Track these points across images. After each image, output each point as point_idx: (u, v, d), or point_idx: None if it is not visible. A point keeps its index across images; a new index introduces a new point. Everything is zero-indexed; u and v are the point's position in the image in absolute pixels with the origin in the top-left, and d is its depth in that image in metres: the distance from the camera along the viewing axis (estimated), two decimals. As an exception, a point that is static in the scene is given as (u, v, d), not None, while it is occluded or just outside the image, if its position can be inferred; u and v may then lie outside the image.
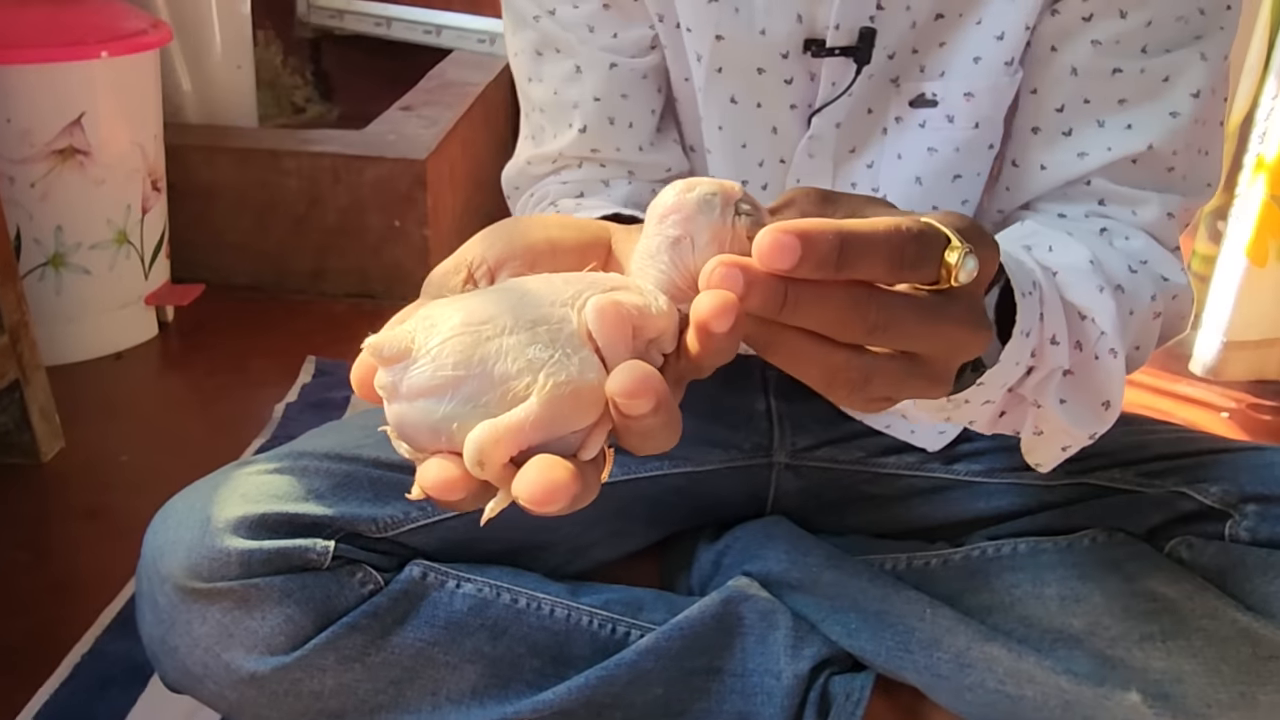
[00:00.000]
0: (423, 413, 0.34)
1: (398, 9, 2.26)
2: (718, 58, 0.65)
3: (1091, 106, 0.62)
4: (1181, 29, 0.61)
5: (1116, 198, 0.63)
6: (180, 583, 0.64)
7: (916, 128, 0.66)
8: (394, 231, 1.49)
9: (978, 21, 0.63)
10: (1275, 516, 0.62)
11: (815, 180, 0.67)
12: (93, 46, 1.23)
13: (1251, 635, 0.59)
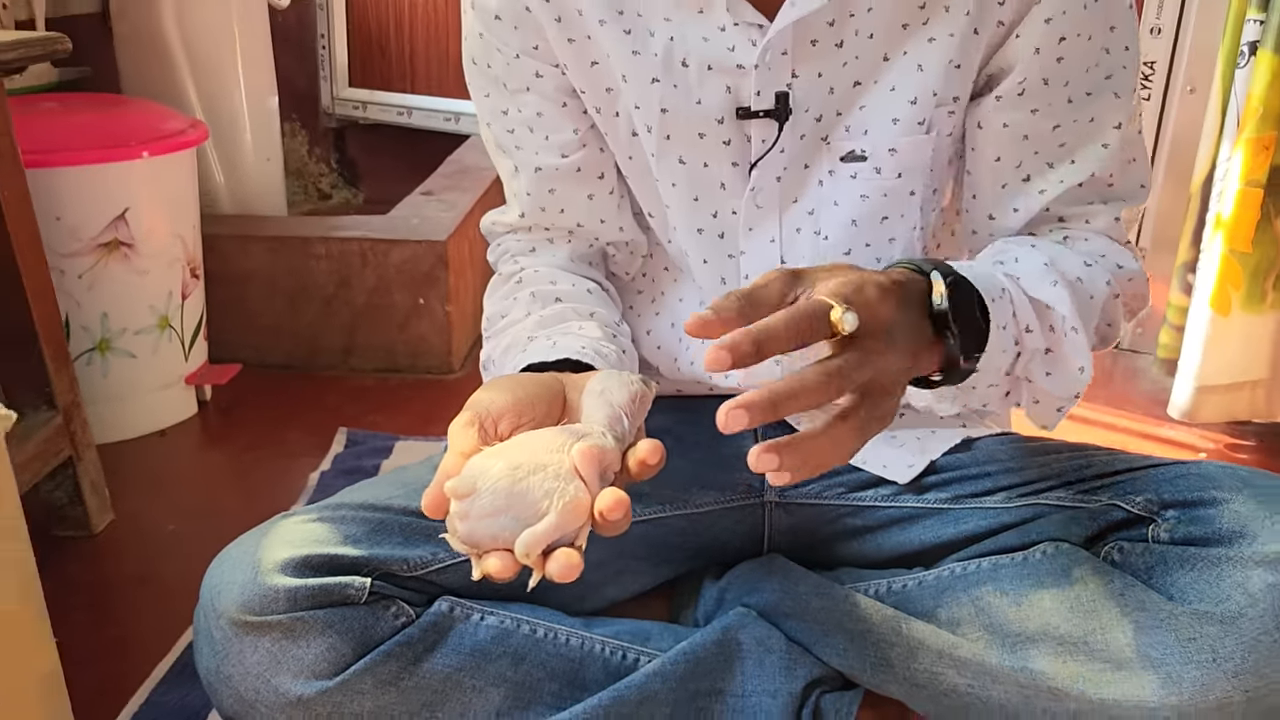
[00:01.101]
0: (486, 528, 0.54)
1: (418, 99, 2.40)
2: (665, 127, 0.77)
3: (1040, 156, 0.75)
4: (1094, 75, 0.74)
5: (1072, 215, 0.77)
6: (234, 617, 0.72)
7: (849, 178, 0.77)
8: (418, 309, 1.59)
9: (891, 88, 0.74)
10: (1189, 519, 0.70)
11: (763, 224, 0.79)
12: (135, 148, 1.34)
13: (1174, 621, 0.66)
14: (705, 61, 0.75)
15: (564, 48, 0.78)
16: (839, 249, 0.78)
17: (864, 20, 0.73)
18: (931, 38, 0.73)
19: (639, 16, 0.75)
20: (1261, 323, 1.35)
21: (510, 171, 0.85)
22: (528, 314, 0.81)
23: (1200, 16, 1.56)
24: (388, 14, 2.41)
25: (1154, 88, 1.64)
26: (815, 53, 0.74)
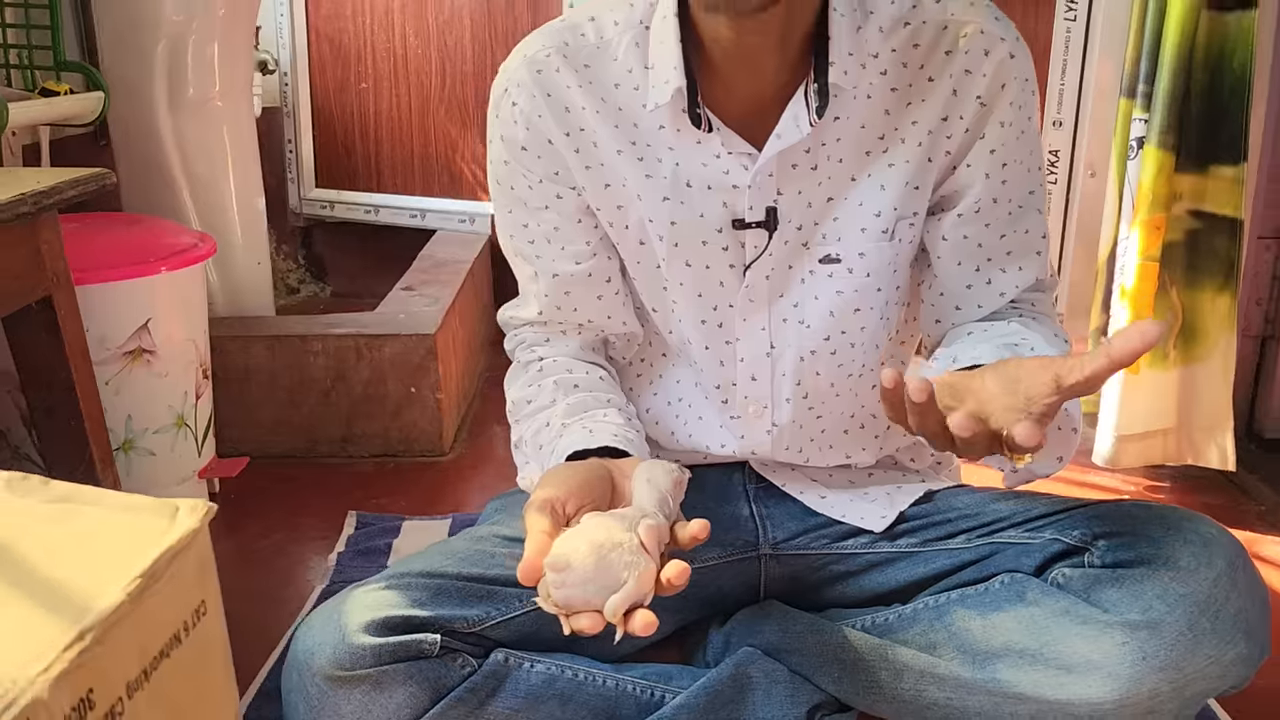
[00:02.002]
0: (579, 594, 0.69)
1: (384, 197, 2.54)
2: (674, 236, 0.93)
3: (994, 262, 0.92)
4: (1026, 197, 0.92)
5: (1023, 300, 0.94)
6: (328, 674, 0.84)
7: (826, 277, 0.93)
8: (411, 397, 1.72)
9: (860, 203, 0.91)
10: (1116, 547, 0.86)
11: (755, 311, 0.95)
12: (154, 264, 1.46)
13: (1110, 630, 0.82)
14: (706, 182, 0.91)
15: (582, 173, 0.93)
16: (819, 335, 0.94)
17: (835, 149, 0.90)
18: (891, 163, 0.90)
19: (648, 146, 0.91)
20: (1167, 378, 1.55)
21: (530, 276, 1.00)
22: (553, 401, 0.95)
23: (1095, 109, 1.79)
24: (353, 119, 2.56)
25: (1060, 173, 1.86)
26: (796, 175, 0.90)
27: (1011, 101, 0.88)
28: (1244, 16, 1.43)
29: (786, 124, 0.87)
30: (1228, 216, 1.48)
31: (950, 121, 0.89)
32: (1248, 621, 0.81)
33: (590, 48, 0.91)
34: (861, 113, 0.89)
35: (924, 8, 0.88)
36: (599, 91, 0.91)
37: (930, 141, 0.89)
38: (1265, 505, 1.59)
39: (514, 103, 0.93)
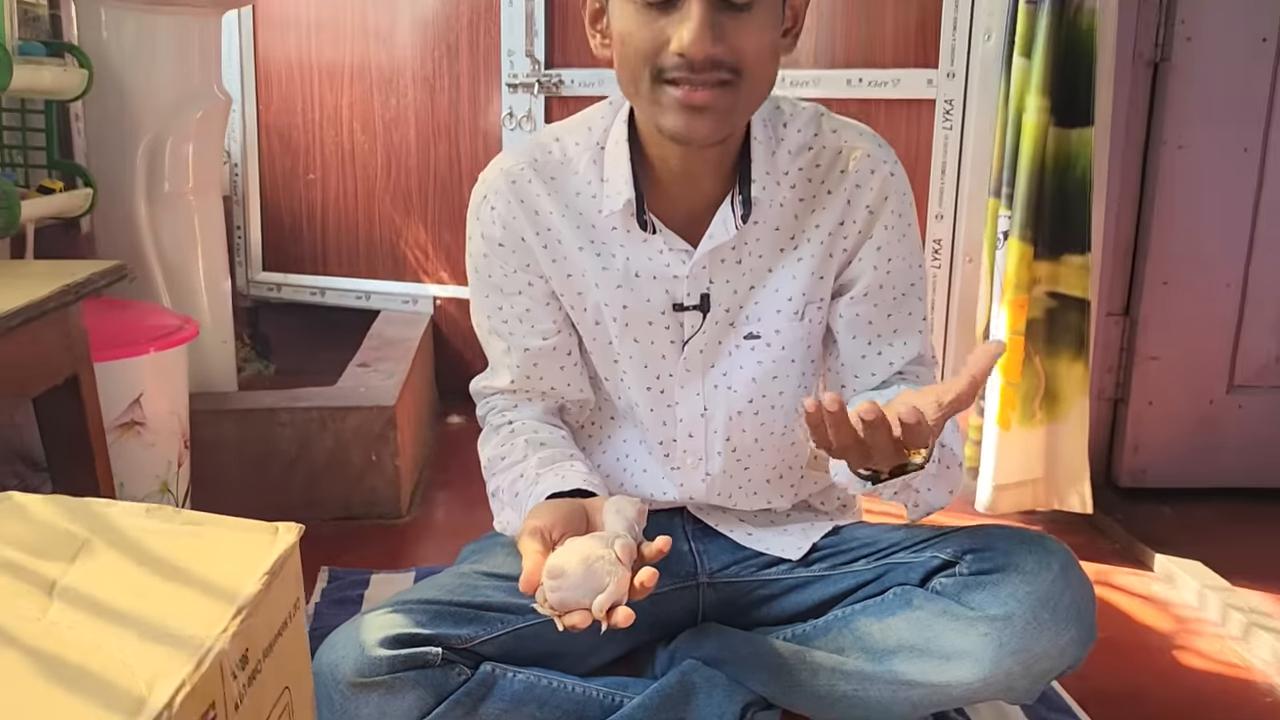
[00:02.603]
0: (572, 595, 0.88)
1: (331, 280, 2.72)
2: (625, 317, 1.14)
3: (882, 338, 1.15)
4: (909, 286, 1.15)
5: (907, 373, 1.15)
6: (351, 681, 1.01)
7: (749, 350, 1.15)
8: (371, 464, 1.89)
9: (776, 290, 1.13)
10: (978, 559, 1.09)
11: (692, 379, 1.16)
12: (145, 345, 1.62)
13: (975, 624, 1.04)
14: (651, 273, 1.12)
15: (549, 265, 1.14)
16: (744, 399, 1.16)
17: (755, 246, 1.12)
18: (800, 258, 1.13)
19: (604, 244, 1.13)
20: (1034, 435, 1.81)
21: (503, 350, 1.18)
22: (525, 456, 1.15)
23: (970, 206, 2.07)
24: (301, 207, 2.74)
25: (943, 259, 2.14)
26: (724, 267, 1.13)
27: (893, 210, 1.12)
28: (1083, 132, 1.72)
29: (717, 227, 1.10)
30: (1078, 297, 1.76)
31: (845, 225, 1.12)
32: (1079, 612, 1.04)
33: (556, 163, 1.13)
34: (776, 218, 1.12)
35: (823, 136, 1.12)
36: (563, 199, 1.12)
37: (830, 240, 1.13)
38: (1119, 544, 1.85)
39: (493, 207, 1.13)
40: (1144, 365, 2.00)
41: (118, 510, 0.74)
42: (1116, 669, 1.44)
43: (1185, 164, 1.91)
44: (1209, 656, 1.49)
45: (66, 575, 0.65)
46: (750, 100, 1.02)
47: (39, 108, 1.76)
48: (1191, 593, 1.64)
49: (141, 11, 1.80)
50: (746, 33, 0.96)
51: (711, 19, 0.95)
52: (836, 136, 1.12)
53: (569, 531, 0.95)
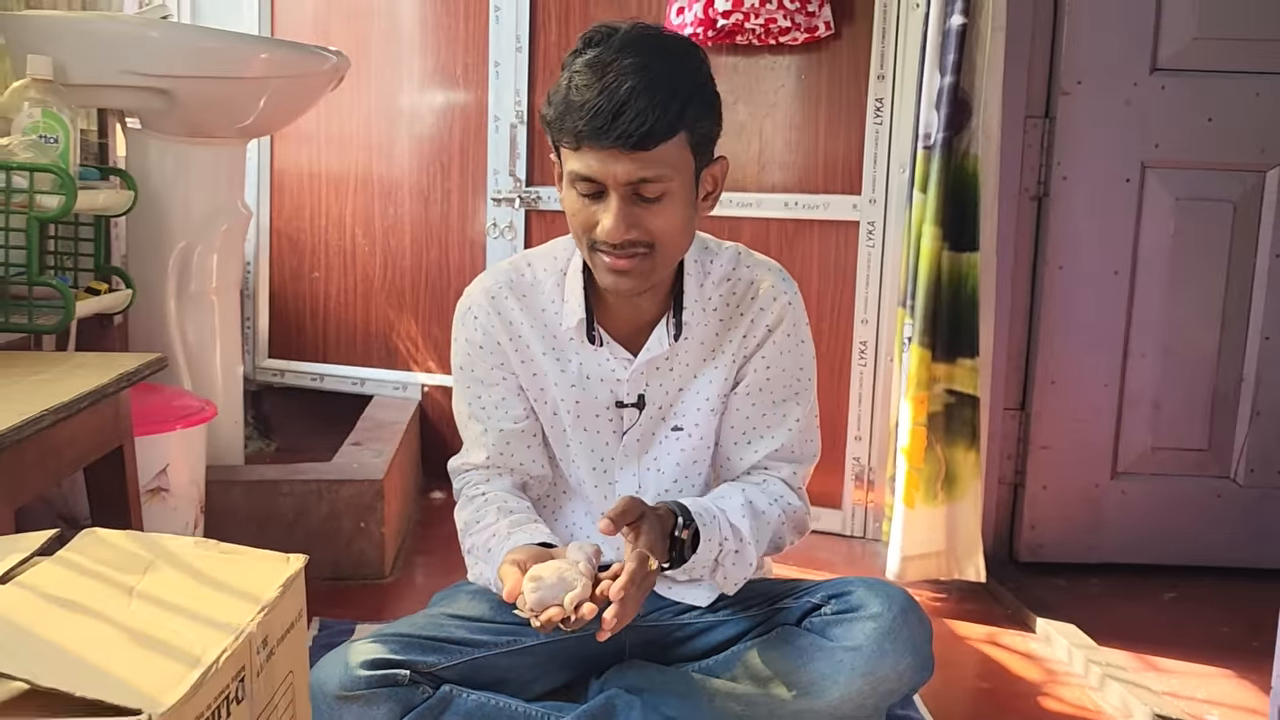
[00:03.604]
0: (549, 595, 1.14)
1: (330, 367, 3.01)
2: (577, 410, 1.41)
3: (756, 430, 1.41)
4: (787, 390, 1.41)
5: (771, 466, 1.41)
6: (335, 694, 1.27)
7: (675, 440, 1.42)
8: (360, 531, 2.16)
9: (698, 391, 1.40)
10: (839, 603, 1.35)
11: (629, 462, 1.42)
12: (173, 423, 1.91)
13: (834, 654, 1.30)
14: (600, 376, 1.39)
15: (518, 366, 1.40)
16: (670, 480, 1.42)
17: (684, 357, 1.39)
18: (716, 366, 1.40)
19: (563, 351, 1.38)
20: (936, 513, 2.09)
21: (480, 431, 1.41)
22: (497, 519, 1.37)
23: (889, 313, 2.38)
24: (304, 300, 3.05)
25: (868, 358, 2.44)
26: (658, 373, 1.40)
27: (785, 331, 1.40)
28: (971, 255, 2.04)
29: (654, 342, 1.37)
30: (971, 394, 2.06)
31: (748, 338, 1.40)
32: (915, 645, 1.30)
33: (528, 284, 1.40)
34: (701, 335, 1.38)
35: (740, 269, 1.40)
36: (532, 314, 1.39)
37: (736, 350, 1.41)
38: (1010, 609, 2.12)
39: (475, 317, 1.41)
40: (1037, 454, 2.29)
41: (173, 542, 1.02)
42: (986, 712, 1.70)
43: (1065, 282, 2.23)
44: (1068, 702, 1.75)
45: (141, 583, 0.93)
46: (665, 263, 1.28)
47: (89, 221, 2.07)
48: (1063, 650, 1.90)
49: (182, 143, 2.13)
50: (658, 218, 1.22)
51: (625, 211, 1.20)
52: (750, 270, 1.40)
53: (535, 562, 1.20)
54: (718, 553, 1.30)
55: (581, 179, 1.22)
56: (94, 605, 0.88)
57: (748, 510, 1.34)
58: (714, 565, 1.31)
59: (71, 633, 0.83)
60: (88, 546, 0.99)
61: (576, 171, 1.22)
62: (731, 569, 1.32)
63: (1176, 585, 2.25)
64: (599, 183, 1.21)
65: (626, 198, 1.21)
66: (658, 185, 1.21)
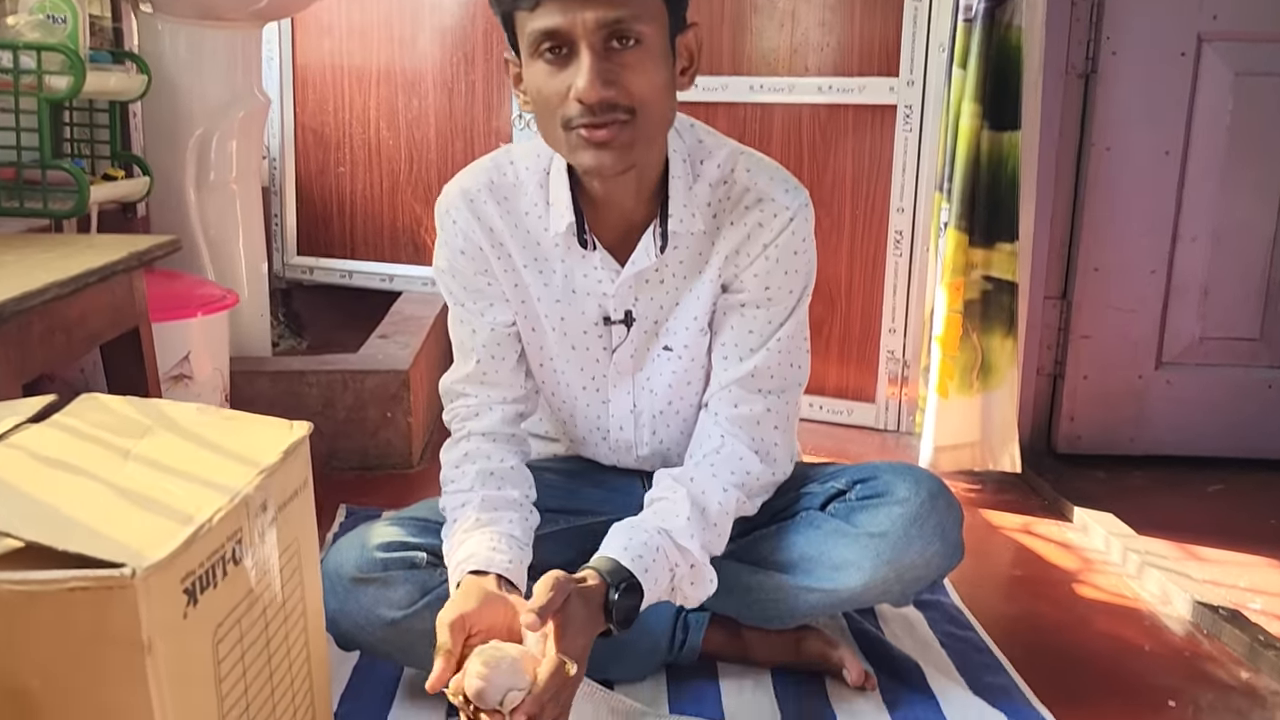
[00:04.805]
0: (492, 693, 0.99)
1: (358, 264, 2.98)
2: (562, 328, 1.29)
3: (739, 347, 1.27)
4: (779, 308, 1.26)
5: (743, 401, 1.27)
6: (352, 575, 1.25)
7: (666, 360, 1.32)
8: (386, 421, 2.15)
9: (687, 308, 1.29)
10: (865, 488, 1.31)
11: (622, 380, 1.32)
12: (193, 310, 1.89)
13: (859, 539, 1.27)
14: (586, 289, 1.26)
15: (501, 274, 1.29)
16: (664, 400, 1.33)
17: (674, 268, 1.28)
18: (707, 280, 1.28)
19: (546, 261, 1.26)
20: (970, 403, 2.03)
21: (469, 334, 1.30)
22: (464, 504, 1.23)
23: (926, 201, 2.29)
24: (331, 197, 3.01)
25: (903, 247, 2.36)
26: (647, 287, 1.26)
27: (789, 249, 1.24)
28: (1013, 135, 1.94)
29: (639, 253, 1.24)
30: (1009, 280, 1.99)
31: (742, 254, 1.24)
32: (943, 530, 1.26)
33: (509, 185, 1.26)
34: (690, 245, 1.25)
35: (738, 175, 1.24)
36: (513, 219, 1.26)
37: (725, 264, 1.25)
38: (1046, 500, 2.07)
39: (454, 221, 1.29)
40: (1078, 343, 2.21)
41: (174, 407, 0.99)
42: (1018, 598, 1.67)
43: (1112, 164, 2.12)
44: (1103, 589, 1.71)
45: (137, 447, 0.90)
46: (648, 133, 1.13)
47: (104, 107, 2.03)
48: (1100, 539, 1.86)
49: (194, 25, 2.07)
50: (635, 74, 1.09)
51: (600, 66, 1.07)
52: (749, 176, 1.24)
53: (483, 615, 1.09)
54: (669, 581, 1.18)
55: (545, 36, 1.09)
56: (87, 466, 0.85)
57: (696, 521, 1.20)
58: (670, 591, 1.20)
59: (61, 491, 0.80)
60: (85, 411, 0.97)
61: (539, 30, 1.09)
62: (690, 589, 1.21)
63: (1222, 478, 2.19)
64: (566, 36, 1.08)
65: (598, 49, 1.07)
66: (632, 26, 1.08)
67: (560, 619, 1.04)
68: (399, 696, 1.33)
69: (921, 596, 1.52)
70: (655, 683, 1.37)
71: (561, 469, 1.45)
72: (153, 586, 0.70)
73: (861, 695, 1.35)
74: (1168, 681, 1.43)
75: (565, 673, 1.01)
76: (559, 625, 1.04)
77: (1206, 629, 1.57)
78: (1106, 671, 1.46)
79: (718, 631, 1.41)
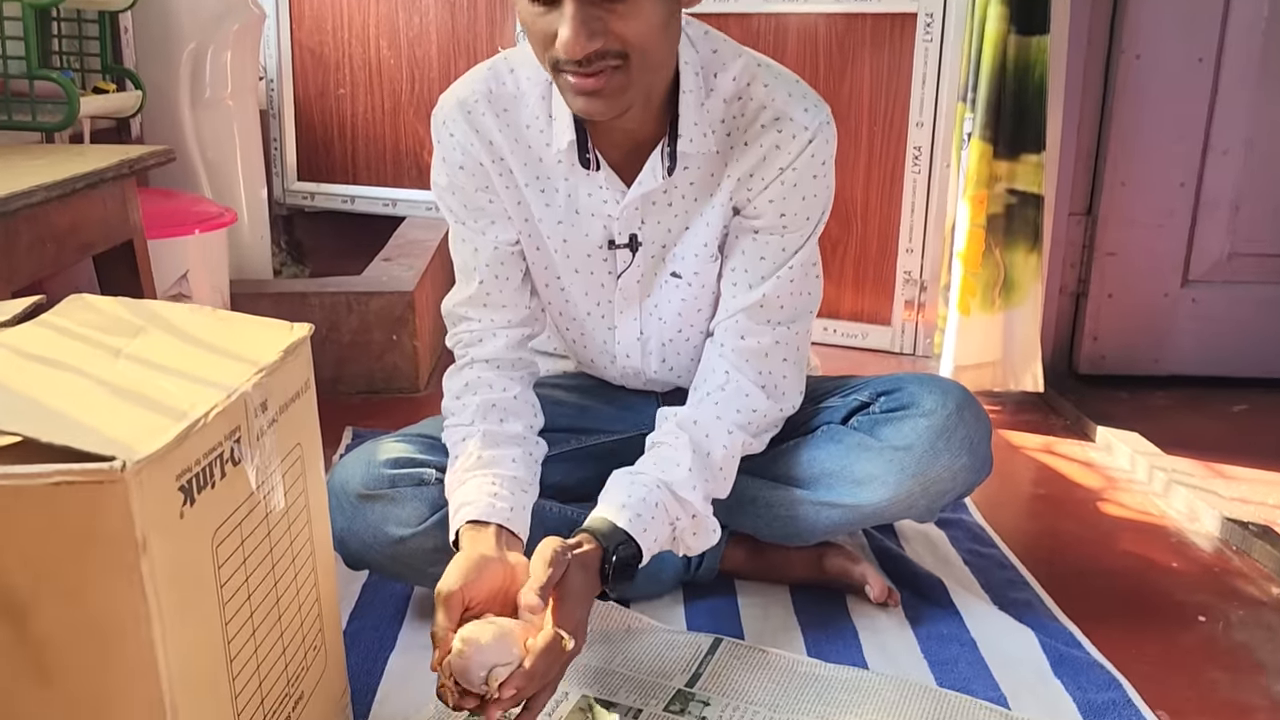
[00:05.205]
0: (475, 670, 0.92)
1: (360, 189, 2.91)
2: (565, 250, 1.21)
3: (748, 274, 1.19)
4: (793, 235, 1.18)
5: (750, 333, 1.19)
6: (359, 492, 1.20)
7: (674, 287, 1.24)
8: (392, 344, 2.10)
9: (696, 233, 1.19)
10: (889, 400, 1.26)
11: (629, 306, 1.24)
12: (190, 227, 1.83)
13: (883, 453, 1.22)
14: (590, 209, 1.18)
15: (502, 190, 1.19)
16: (674, 329, 1.27)
17: (683, 190, 1.19)
18: (717, 204, 1.20)
19: (549, 179, 1.17)
20: (992, 321, 1.97)
21: (472, 252, 1.21)
22: (465, 438, 1.17)
23: (947, 114, 2.21)
24: (332, 119, 2.93)
25: (922, 164, 2.29)
26: (654, 209, 1.18)
27: (809, 172, 1.15)
28: (1040, 40, 1.86)
29: (646, 175, 1.15)
30: (1034, 193, 1.92)
31: (756, 177, 1.15)
32: (971, 443, 1.22)
33: (509, 95, 1.16)
34: (702, 166, 1.16)
35: (755, 90, 1.14)
36: (514, 133, 1.16)
37: (738, 187, 1.16)
38: (1068, 420, 2.02)
39: (451, 134, 1.19)
40: (1103, 261, 2.15)
41: (168, 308, 0.94)
42: (1042, 515, 1.63)
43: (1142, 72, 2.04)
44: (1129, 507, 1.67)
45: (129, 346, 0.85)
46: (643, 75, 1.03)
47: (93, 17, 1.95)
48: (1125, 458, 1.81)
49: (183, -71, 1.99)
50: (626, 19, 0.98)
51: (584, 15, 0.96)
52: (767, 92, 1.14)
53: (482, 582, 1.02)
54: (670, 535, 1.14)
55: None
56: (76, 363, 0.80)
57: (698, 470, 1.14)
58: (671, 543, 1.16)
59: (48, 387, 0.75)
60: (74, 311, 0.91)
61: None
62: (692, 539, 1.17)
63: (1248, 398, 2.14)
64: None
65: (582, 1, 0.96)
66: None
67: (559, 593, 1.00)
68: (409, 615, 1.30)
69: (943, 515, 1.48)
70: (673, 600, 1.33)
71: (572, 385, 1.40)
72: (145, 481, 0.65)
73: (884, 612, 1.31)
74: (1197, 598, 1.39)
75: (562, 648, 0.96)
76: (557, 599, 1.00)
77: (1236, 545, 1.53)
78: (1133, 588, 1.42)
79: (736, 549, 1.37)
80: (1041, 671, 1.19)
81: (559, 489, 1.32)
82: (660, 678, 1.15)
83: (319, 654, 0.93)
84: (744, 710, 1.10)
